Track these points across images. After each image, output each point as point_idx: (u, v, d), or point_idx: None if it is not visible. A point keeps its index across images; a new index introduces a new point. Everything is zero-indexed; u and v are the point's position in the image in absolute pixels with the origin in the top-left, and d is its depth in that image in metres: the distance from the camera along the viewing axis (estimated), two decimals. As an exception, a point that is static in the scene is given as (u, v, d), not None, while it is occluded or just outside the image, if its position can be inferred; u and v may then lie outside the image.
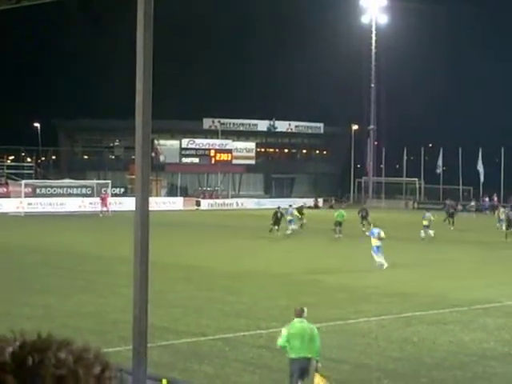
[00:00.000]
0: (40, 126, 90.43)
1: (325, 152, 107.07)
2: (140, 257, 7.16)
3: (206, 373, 15.81)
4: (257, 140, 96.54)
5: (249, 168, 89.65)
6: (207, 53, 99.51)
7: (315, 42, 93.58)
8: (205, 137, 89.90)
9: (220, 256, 35.86)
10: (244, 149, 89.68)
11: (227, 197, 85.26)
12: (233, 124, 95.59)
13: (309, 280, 28.59)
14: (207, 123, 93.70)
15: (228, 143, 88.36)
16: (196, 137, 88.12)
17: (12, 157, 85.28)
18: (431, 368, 16.70)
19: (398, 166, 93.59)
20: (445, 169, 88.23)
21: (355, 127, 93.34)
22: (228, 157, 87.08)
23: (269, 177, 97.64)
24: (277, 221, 46.87)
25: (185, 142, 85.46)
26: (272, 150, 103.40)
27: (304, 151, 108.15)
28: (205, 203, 78.98)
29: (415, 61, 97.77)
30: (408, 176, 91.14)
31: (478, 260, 36.60)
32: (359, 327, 20.56)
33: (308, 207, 79.95)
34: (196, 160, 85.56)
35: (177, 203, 76.83)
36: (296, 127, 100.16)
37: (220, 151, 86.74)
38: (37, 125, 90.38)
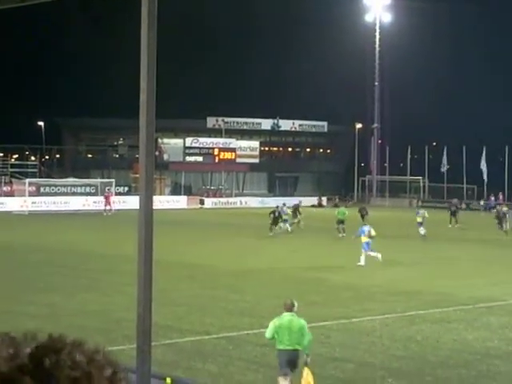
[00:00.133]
0: (44, 125, 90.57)
1: (329, 151, 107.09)
2: (144, 255, 7.16)
3: (210, 371, 15.81)
4: (260, 139, 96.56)
5: (252, 167, 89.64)
6: (211, 52, 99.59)
7: (319, 41, 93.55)
8: (208, 135, 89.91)
9: (224, 254, 35.87)
10: (248, 147, 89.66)
11: (231, 195, 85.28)
12: (236, 123, 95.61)
13: (313, 278, 28.58)
14: (211, 122, 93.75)
15: (232, 142, 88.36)
16: (200, 135, 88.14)
17: (16, 155, 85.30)
18: (435, 366, 16.69)
19: (402, 165, 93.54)
20: (449, 167, 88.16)
21: (359, 126, 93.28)
22: (232, 155, 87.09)
23: (272, 175, 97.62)
24: (275, 220, 47.27)
25: (188, 141, 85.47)
26: (276, 149, 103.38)
27: (308, 150, 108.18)
28: (208, 202, 79.00)
29: (419, 59, 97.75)
30: (412, 174, 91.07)
31: (482, 258, 36.57)
32: (363, 326, 20.56)
33: (311, 206, 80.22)
34: (200, 159, 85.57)
35: (180, 202, 76.83)
36: (300, 126, 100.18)
37: (224, 150, 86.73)
38: (41, 123, 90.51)
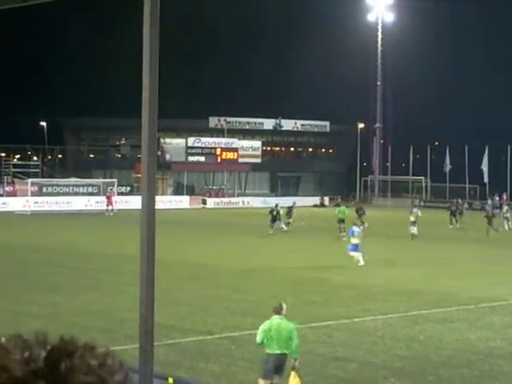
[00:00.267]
0: (46, 125, 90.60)
1: (331, 150, 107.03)
2: (146, 255, 7.15)
3: (212, 371, 15.81)
4: (263, 138, 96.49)
5: (255, 166, 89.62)
6: (213, 51, 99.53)
7: (321, 40, 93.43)
8: (211, 135, 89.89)
9: (226, 254, 35.88)
10: (250, 147, 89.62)
11: (233, 195, 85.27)
12: (239, 122, 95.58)
13: (315, 278, 28.58)
14: (213, 122, 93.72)
15: (234, 142, 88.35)
16: (202, 135, 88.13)
17: (18, 155, 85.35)
18: (438, 366, 16.68)
19: (404, 165, 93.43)
20: (451, 167, 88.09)
21: (361, 125, 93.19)
22: (234, 155, 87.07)
23: (275, 175, 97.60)
24: (273, 218, 48.12)
25: (191, 141, 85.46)
26: (278, 149, 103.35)
27: (310, 150, 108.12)
28: (211, 202, 79.00)
29: (421, 59, 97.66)
30: (414, 174, 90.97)
31: (483, 258, 36.53)
32: (366, 325, 20.55)
33: (313, 206, 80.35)
34: (202, 158, 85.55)
35: (183, 202, 76.83)
36: (302, 126, 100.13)
37: (226, 150, 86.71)
38: (43, 124, 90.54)
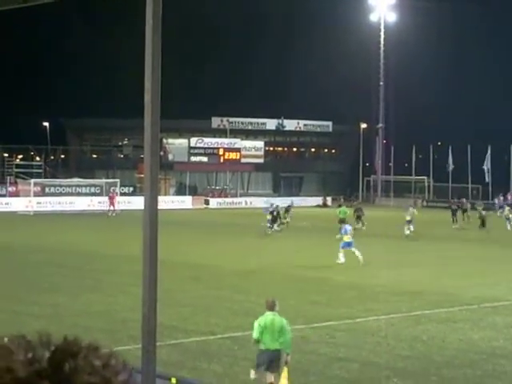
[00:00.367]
0: (49, 126, 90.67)
1: (333, 150, 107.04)
2: (149, 256, 7.16)
3: (215, 371, 15.81)
4: (265, 139, 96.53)
5: (257, 167, 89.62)
6: (216, 52, 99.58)
7: (324, 41, 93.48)
8: (213, 136, 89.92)
9: (229, 255, 35.87)
10: (252, 147, 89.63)
11: (236, 195, 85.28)
12: (241, 123, 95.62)
13: (317, 278, 28.57)
14: (216, 122, 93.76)
15: (236, 142, 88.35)
16: (204, 136, 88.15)
17: (21, 156, 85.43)
18: (441, 366, 16.66)
19: (407, 165, 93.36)
20: (453, 167, 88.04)
21: (364, 125, 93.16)
22: (236, 155, 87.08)
23: (277, 175, 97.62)
24: (274, 218, 48.55)
25: (193, 141, 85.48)
26: (280, 149, 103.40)
27: (313, 150, 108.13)
28: (213, 202, 79.00)
29: (424, 59, 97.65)
30: (417, 174, 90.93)
31: (485, 258, 36.47)
32: (368, 326, 20.53)
33: (316, 206, 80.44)
34: (205, 159, 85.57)
35: (185, 202, 76.84)
36: (304, 126, 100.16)
37: (229, 150, 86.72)
38: (46, 124, 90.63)
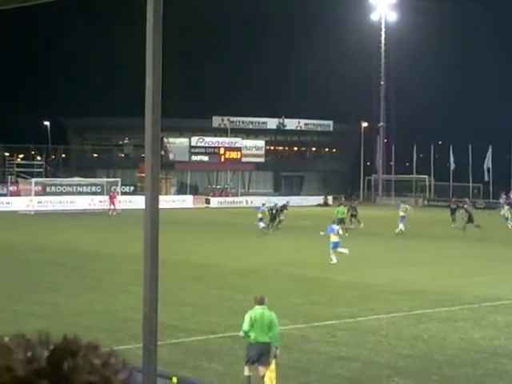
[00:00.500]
0: (50, 125, 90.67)
1: (334, 150, 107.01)
2: (150, 255, 7.15)
3: (216, 370, 15.82)
4: (266, 138, 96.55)
5: (258, 166, 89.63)
6: (217, 51, 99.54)
7: (324, 40, 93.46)
8: (214, 135, 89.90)
9: (229, 254, 35.88)
10: (253, 147, 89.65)
11: (237, 195, 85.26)
12: (242, 122, 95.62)
13: (318, 278, 28.57)
14: (216, 121, 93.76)
15: (237, 141, 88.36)
16: (205, 135, 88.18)
17: (22, 155, 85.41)
18: (442, 365, 16.66)
19: (408, 164, 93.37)
20: (454, 166, 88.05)
21: (365, 125, 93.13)
22: (237, 155, 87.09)
23: (278, 175, 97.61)
24: (273, 216, 48.80)
25: (194, 140, 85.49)
26: (281, 148, 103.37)
27: (313, 149, 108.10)
28: (214, 201, 78.99)
29: (424, 58, 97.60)
30: (418, 173, 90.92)
31: (486, 257, 36.44)
32: (369, 325, 20.53)
33: (317, 205, 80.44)
34: (205, 158, 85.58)
35: (186, 201, 76.83)
36: (305, 125, 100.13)
37: (229, 149, 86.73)
38: (47, 123, 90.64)
